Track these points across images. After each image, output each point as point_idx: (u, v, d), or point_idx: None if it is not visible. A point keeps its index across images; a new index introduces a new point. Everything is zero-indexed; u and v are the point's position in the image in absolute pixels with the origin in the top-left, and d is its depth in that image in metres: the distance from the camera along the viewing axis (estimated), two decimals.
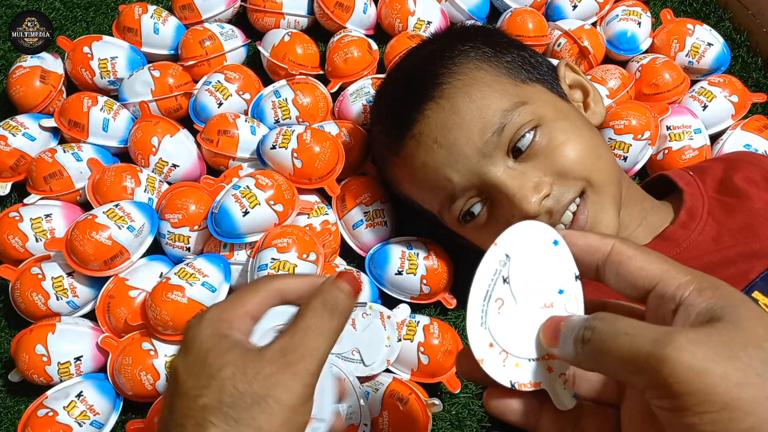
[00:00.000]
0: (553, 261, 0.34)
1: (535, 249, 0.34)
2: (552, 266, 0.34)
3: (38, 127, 0.83)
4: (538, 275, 0.34)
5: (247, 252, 0.74)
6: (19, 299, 0.72)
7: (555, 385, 0.34)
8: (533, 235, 0.35)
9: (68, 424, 0.67)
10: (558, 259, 0.34)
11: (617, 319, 0.29)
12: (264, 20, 0.91)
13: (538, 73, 0.66)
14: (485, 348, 0.33)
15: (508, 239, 0.35)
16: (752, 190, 0.65)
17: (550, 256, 0.34)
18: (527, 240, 0.35)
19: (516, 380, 0.33)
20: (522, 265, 0.34)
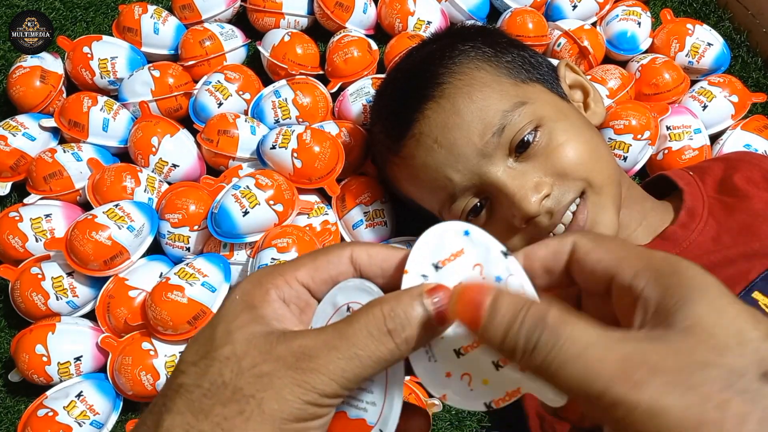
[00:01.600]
0: (472, 253, 0.31)
1: (448, 252, 0.31)
2: (475, 258, 0.30)
3: (38, 127, 0.83)
4: (465, 275, 0.30)
5: (247, 252, 0.74)
6: (19, 299, 0.72)
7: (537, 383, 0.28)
8: (439, 239, 0.31)
9: (68, 424, 0.67)
10: (477, 248, 0.31)
11: (565, 332, 0.25)
12: (264, 20, 0.91)
13: (539, 73, 0.66)
14: (443, 380, 0.29)
15: (416, 258, 0.31)
16: (752, 190, 0.65)
17: (467, 249, 0.31)
18: (435, 248, 0.31)
19: (491, 398, 0.29)
20: (443, 276, 0.30)
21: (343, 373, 0.26)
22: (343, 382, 0.26)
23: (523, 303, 0.26)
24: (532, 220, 0.59)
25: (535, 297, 0.29)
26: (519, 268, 0.30)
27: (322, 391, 0.26)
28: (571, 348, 0.25)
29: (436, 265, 0.30)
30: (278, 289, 0.29)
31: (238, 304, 0.29)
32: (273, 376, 0.26)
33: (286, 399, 0.26)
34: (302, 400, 0.26)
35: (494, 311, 0.26)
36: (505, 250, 0.31)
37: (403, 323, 0.27)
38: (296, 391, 0.26)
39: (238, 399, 0.26)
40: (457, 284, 0.28)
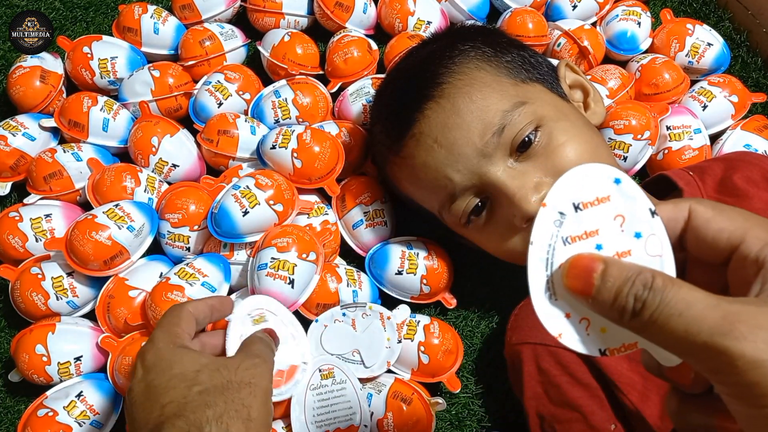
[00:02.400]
0: (619, 203, 0.30)
1: (593, 195, 0.30)
2: (619, 209, 0.30)
3: (38, 127, 0.83)
4: (604, 224, 0.29)
5: (247, 252, 0.74)
6: (19, 299, 0.72)
7: None
8: (587, 180, 0.30)
9: (68, 424, 0.67)
10: (625, 199, 0.30)
11: (671, 291, 0.26)
12: (264, 20, 0.91)
13: (538, 73, 0.66)
14: (562, 321, 0.29)
15: (558, 193, 0.30)
16: (752, 189, 0.65)
17: (614, 198, 0.30)
18: (581, 188, 0.30)
19: (606, 346, 0.29)
20: (581, 218, 0.30)
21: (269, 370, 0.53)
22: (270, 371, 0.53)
23: (631, 270, 0.27)
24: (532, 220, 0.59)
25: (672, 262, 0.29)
26: (663, 230, 0.30)
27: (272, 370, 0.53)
28: (676, 306, 0.26)
29: (576, 206, 0.30)
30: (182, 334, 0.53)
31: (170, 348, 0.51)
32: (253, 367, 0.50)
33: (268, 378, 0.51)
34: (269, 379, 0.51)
35: (605, 278, 0.28)
36: (653, 209, 0.30)
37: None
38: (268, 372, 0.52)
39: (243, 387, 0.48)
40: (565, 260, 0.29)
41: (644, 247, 0.29)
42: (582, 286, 0.29)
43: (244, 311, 0.59)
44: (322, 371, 0.65)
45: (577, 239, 0.30)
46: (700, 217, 0.30)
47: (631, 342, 0.29)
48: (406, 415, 0.66)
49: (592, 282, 0.28)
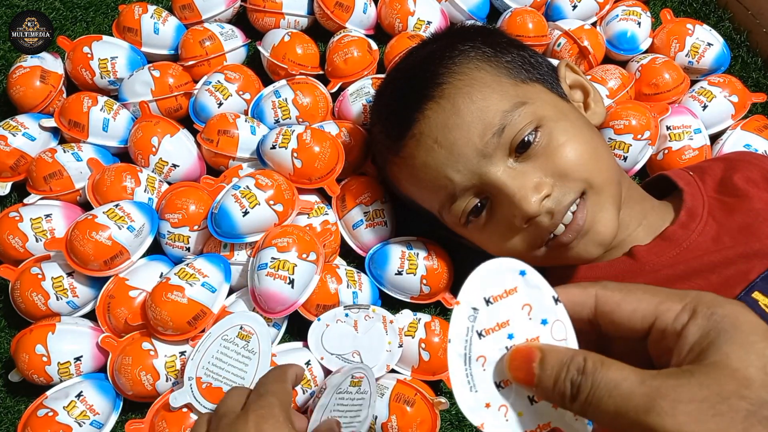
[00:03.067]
0: (525, 293, 0.32)
1: (502, 288, 0.32)
2: (526, 299, 0.32)
3: (38, 127, 0.83)
4: (514, 314, 0.32)
5: (247, 252, 0.74)
6: (19, 299, 0.72)
7: (566, 419, 0.32)
8: (495, 275, 0.33)
9: (68, 424, 0.67)
10: (530, 289, 0.32)
11: (600, 374, 0.28)
12: (264, 20, 0.91)
13: (539, 73, 0.66)
14: (482, 411, 0.32)
15: (470, 291, 0.32)
16: (752, 190, 0.65)
17: (521, 289, 0.32)
18: (490, 283, 0.32)
19: (523, 430, 0.32)
20: (492, 312, 0.32)
21: None
22: None
23: (565, 356, 0.30)
24: (532, 220, 0.59)
25: (576, 345, 0.32)
26: (566, 315, 0.32)
27: None
28: (606, 386, 0.28)
29: (487, 300, 0.32)
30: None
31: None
32: None
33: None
34: None
35: (543, 366, 0.30)
36: (556, 297, 0.32)
37: None
38: None
39: None
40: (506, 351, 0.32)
41: (550, 333, 0.32)
42: (524, 375, 0.31)
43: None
44: (354, 378, 0.62)
45: (491, 331, 0.32)
46: (609, 302, 0.32)
47: (545, 422, 0.32)
48: (410, 416, 0.66)
49: (533, 371, 0.30)
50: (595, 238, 0.60)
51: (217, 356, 0.66)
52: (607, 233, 0.60)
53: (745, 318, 0.28)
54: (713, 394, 0.26)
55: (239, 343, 0.67)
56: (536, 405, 0.32)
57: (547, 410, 0.32)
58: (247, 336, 0.67)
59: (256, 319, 0.68)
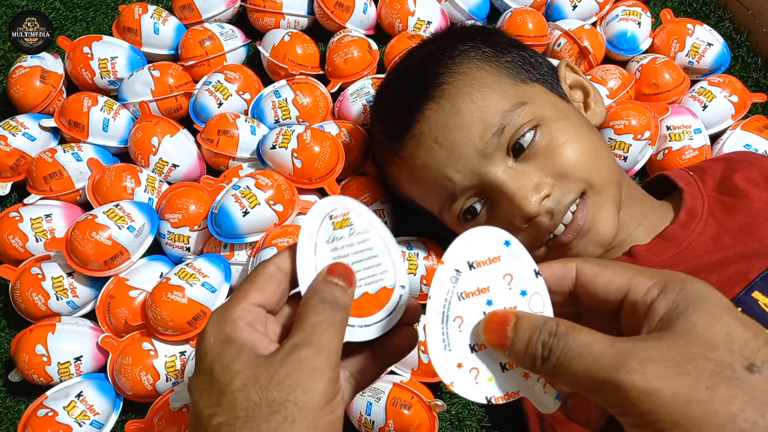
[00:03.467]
0: (508, 263, 0.34)
1: (486, 255, 0.34)
2: (508, 269, 0.34)
3: (38, 127, 0.83)
4: (495, 282, 0.34)
5: (248, 252, 0.74)
6: (19, 299, 0.72)
7: (534, 390, 0.33)
8: (480, 242, 0.34)
9: (68, 424, 0.67)
10: (513, 260, 0.34)
11: (572, 337, 0.30)
12: (264, 20, 0.91)
13: (539, 73, 0.66)
14: (454, 370, 0.33)
15: (455, 253, 0.33)
16: (752, 189, 0.65)
17: (504, 258, 0.34)
18: (475, 249, 0.34)
19: (491, 395, 0.33)
20: (474, 276, 0.34)
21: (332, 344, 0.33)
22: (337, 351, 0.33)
23: (538, 321, 0.32)
24: (532, 220, 0.59)
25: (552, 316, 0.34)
26: (545, 289, 0.34)
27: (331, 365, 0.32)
28: (577, 348, 0.29)
29: (471, 264, 0.34)
30: (241, 319, 0.34)
31: (215, 345, 0.33)
32: (292, 375, 0.31)
33: (313, 388, 0.31)
34: (324, 380, 0.31)
35: (517, 330, 0.32)
36: (537, 270, 0.34)
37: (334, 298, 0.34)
38: (315, 376, 0.31)
39: (276, 409, 0.30)
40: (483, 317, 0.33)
41: (528, 304, 0.33)
42: (498, 338, 0.32)
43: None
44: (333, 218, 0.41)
45: (471, 295, 0.33)
46: (588, 274, 0.34)
47: (513, 391, 0.33)
48: (407, 420, 0.66)
49: (506, 334, 0.32)
50: (595, 238, 0.60)
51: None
52: (607, 233, 0.60)
53: (712, 293, 0.31)
54: (681, 354, 0.28)
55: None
56: (507, 372, 0.33)
57: (518, 379, 0.33)
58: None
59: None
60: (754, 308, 0.55)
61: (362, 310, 0.37)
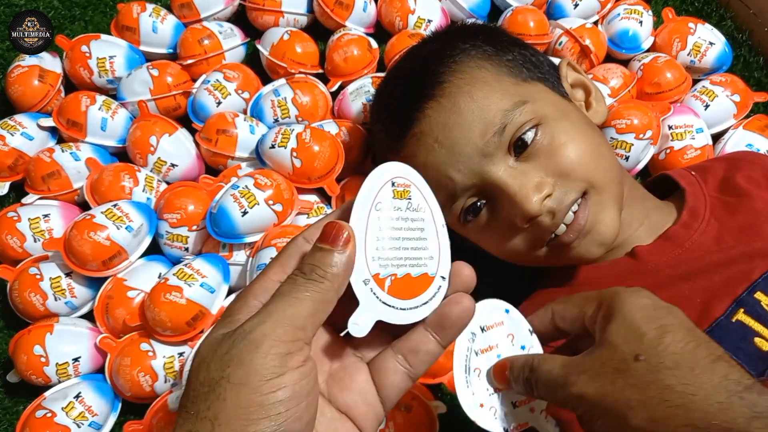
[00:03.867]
0: (509, 325, 0.44)
1: (492, 321, 0.43)
2: (510, 330, 0.44)
3: (36, 126, 0.83)
4: (501, 341, 0.43)
5: (246, 252, 0.74)
6: (17, 300, 0.72)
7: (539, 420, 0.44)
8: (488, 311, 0.43)
9: (66, 425, 0.66)
10: (513, 323, 0.44)
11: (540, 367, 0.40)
12: (263, 18, 0.91)
13: (540, 72, 0.65)
14: (478, 409, 0.42)
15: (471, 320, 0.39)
16: (754, 189, 0.65)
17: (506, 323, 0.44)
18: (485, 316, 0.43)
19: (508, 426, 0.43)
20: (486, 337, 0.43)
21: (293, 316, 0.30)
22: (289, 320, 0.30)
23: (524, 361, 0.41)
24: (533, 220, 0.58)
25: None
26: (537, 342, 0.45)
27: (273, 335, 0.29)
28: (543, 375, 0.40)
29: (482, 328, 0.43)
30: (256, 296, 0.33)
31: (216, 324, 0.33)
32: (231, 351, 0.29)
33: (245, 361, 0.28)
34: (264, 354, 0.29)
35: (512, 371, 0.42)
36: (531, 329, 0.45)
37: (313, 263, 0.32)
38: (251, 349, 0.29)
39: (213, 387, 0.29)
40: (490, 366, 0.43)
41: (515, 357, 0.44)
42: (503, 381, 0.42)
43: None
44: (395, 185, 0.38)
45: (485, 351, 0.43)
46: (558, 312, 0.43)
47: (523, 422, 0.43)
48: (407, 422, 0.65)
49: (507, 377, 0.42)
50: (597, 238, 0.60)
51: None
52: (608, 233, 0.60)
53: (628, 301, 0.38)
54: (598, 362, 0.37)
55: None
56: (518, 408, 0.43)
57: (526, 413, 0.43)
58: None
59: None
60: (756, 309, 0.55)
61: (403, 291, 0.35)
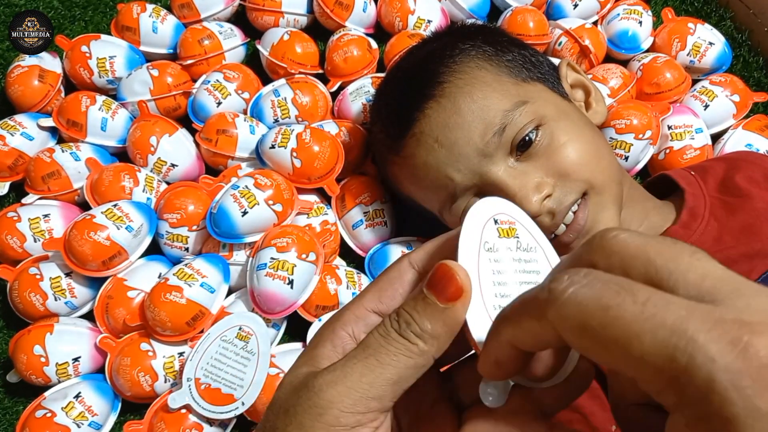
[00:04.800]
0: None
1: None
2: None
3: (36, 126, 0.83)
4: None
5: (246, 252, 0.74)
6: (17, 300, 0.72)
7: None
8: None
9: (66, 425, 0.66)
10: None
11: None
12: (263, 19, 0.91)
13: (539, 72, 0.66)
14: None
15: None
16: (754, 189, 0.65)
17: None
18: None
19: None
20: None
21: (360, 378, 0.24)
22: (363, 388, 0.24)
23: None
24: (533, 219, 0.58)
25: None
26: None
27: (340, 404, 0.24)
28: None
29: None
30: (345, 326, 0.28)
31: (302, 353, 0.28)
32: (296, 406, 0.25)
33: (305, 426, 0.25)
34: (322, 422, 0.24)
35: None
36: None
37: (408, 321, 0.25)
38: (314, 414, 0.25)
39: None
40: None
41: None
42: None
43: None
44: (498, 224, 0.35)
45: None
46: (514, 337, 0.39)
47: None
48: None
49: None
50: None
51: (216, 357, 0.66)
52: None
53: None
54: None
55: (238, 344, 0.66)
56: None
57: None
58: (246, 337, 0.66)
59: (256, 320, 0.67)
60: None
61: None
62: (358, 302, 0.28)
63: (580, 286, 0.19)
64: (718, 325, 0.17)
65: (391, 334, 0.25)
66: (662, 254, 0.20)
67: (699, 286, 0.19)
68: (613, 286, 0.19)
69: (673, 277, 0.19)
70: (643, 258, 0.20)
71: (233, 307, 0.73)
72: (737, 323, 0.17)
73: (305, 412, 0.25)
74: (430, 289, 0.24)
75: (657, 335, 0.17)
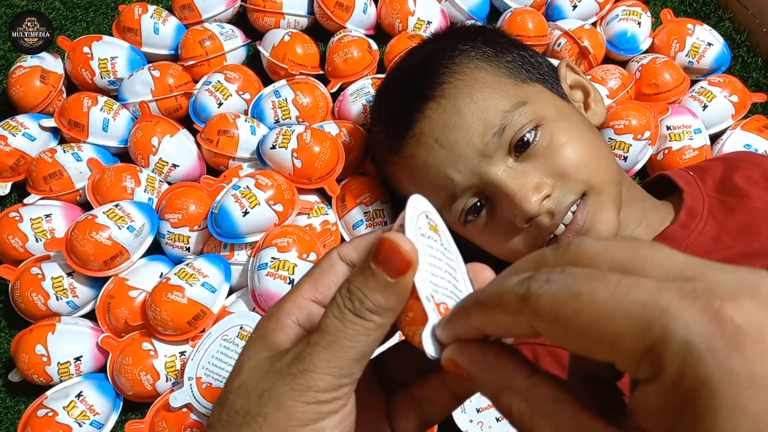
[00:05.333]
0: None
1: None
2: None
3: (38, 127, 0.83)
4: None
5: (247, 252, 0.74)
6: (19, 299, 0.72)
7: None
8: None
9: (68, 424, 0.67)
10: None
11: None
12: (264, 20, 0.91)
13: (539, 72, 0.66)
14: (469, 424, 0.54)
15: None
16: (752, 189, 0.65)
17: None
18: None
19: None
20: None
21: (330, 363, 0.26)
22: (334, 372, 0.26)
23: None
24: (533, 220, 0.59)
25: None
26: None
27: (316, 387, 0.26)
28: None
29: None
30: (289, 315, 0.29)
31: (252, 340, 0.30)
32: (272, 389, 0.27)
33: (286, 406, 0.26)
34: (301, 401, 0.26)
35: None
36: None
37: (362, 298, 0.26)
38: (293, 395, 0.26)
39: (248, 422, 0.27)
40: None
41: None
42: None
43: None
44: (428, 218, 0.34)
45: None
46: None
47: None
48: None
49: None
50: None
51: (217, 356, 0.66)
52: (607, 233, 0.60)
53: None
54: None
55: (239, 343, 0.66)
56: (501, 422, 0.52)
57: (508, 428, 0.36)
58: (247, 336, 0.66)
59: (257, 320, 0.67)
60: None
61: None
62: (296, 293, 0.30)
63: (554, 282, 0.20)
64: (690, 295, 0.18)
65: (347, 316, 0.26)
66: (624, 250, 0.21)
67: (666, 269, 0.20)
68: (585, 276, 0.20)
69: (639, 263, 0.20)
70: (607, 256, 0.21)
71: (234, 307, 0.73)
72: (708, 292, 0.18)
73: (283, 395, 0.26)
74: (378, 264, 0.25)
75: (630, 311, 0.18)
